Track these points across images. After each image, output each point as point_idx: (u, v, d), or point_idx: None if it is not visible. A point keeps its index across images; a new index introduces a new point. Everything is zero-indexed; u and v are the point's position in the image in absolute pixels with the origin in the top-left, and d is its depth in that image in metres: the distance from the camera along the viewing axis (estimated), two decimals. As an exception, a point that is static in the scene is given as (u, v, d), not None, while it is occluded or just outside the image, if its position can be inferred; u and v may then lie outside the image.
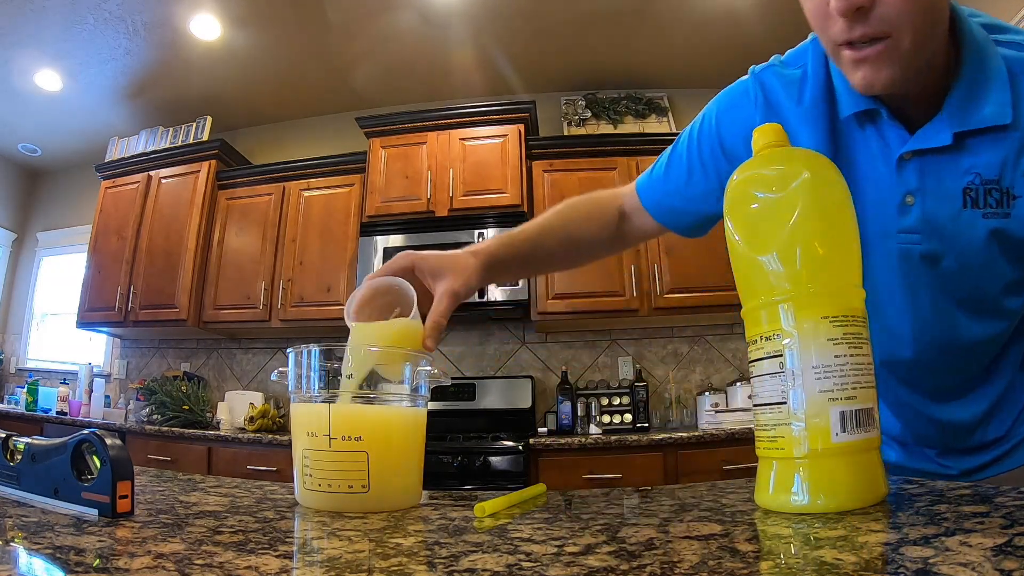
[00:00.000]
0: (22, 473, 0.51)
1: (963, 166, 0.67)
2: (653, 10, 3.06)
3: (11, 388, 3.94)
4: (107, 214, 3.70)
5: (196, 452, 2.83)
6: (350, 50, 3.33)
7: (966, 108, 0.65)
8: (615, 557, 0.36)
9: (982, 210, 0.67)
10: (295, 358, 0.58)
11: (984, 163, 0.67)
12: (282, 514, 0.51)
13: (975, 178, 0.67)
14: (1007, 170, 0.66)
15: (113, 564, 0.33)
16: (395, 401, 0.60)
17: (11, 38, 3.12)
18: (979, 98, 0.66)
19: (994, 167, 0.66)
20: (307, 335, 3.46)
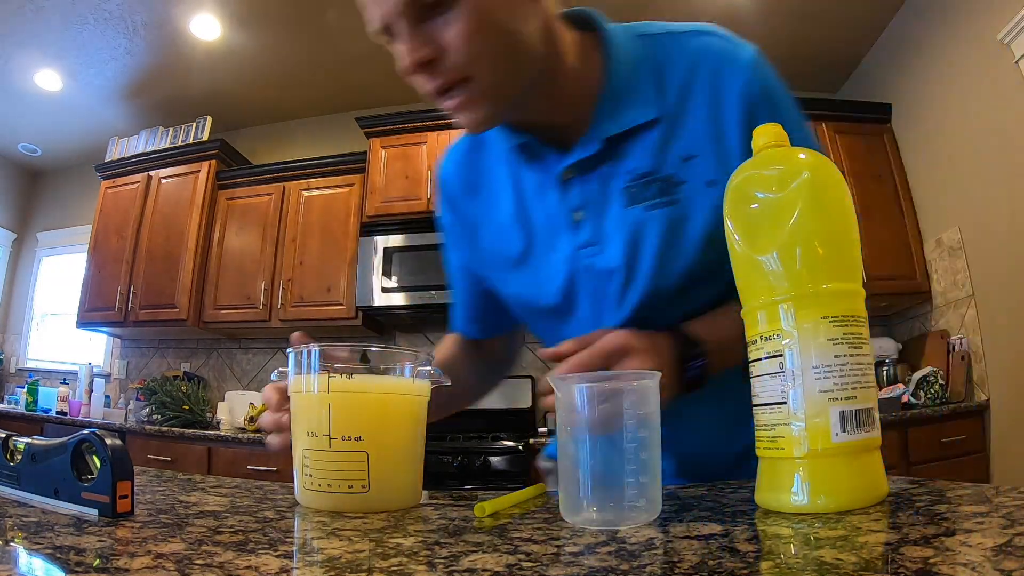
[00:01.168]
0: (22, 473, 0.51)
1: (621, 169, 0.69)
2: (653, 10, 3.05)
3: (11, 388, 3.94)
4: (107, 214, 3.70)
5: (196, 452, 2.83)
6: (350, 50, 3.33)
7: (613, 116, 0.67)
8: (615, 557, 0.36)
9: (644, 203, 0.68)
10: (295, 358, 0.58)
11: (638, 160, 0.68)
12: (282, 514, 0.51)
13: (632, 176, 0.69)
14: (661, 159, 0.68)
15: (113, 564, 0.33)
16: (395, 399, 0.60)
17: (11, 38, 3.12)
18: (626, 103, 0.67)
19: (647, 160, 0.68)
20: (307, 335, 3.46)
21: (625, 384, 0.46)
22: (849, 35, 3.10)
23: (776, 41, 3.16)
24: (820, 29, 3.04)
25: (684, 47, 0.69)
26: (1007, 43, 2.33)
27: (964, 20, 2.58)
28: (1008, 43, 2.33)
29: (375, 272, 3.03)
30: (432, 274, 2.98)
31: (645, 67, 0.68)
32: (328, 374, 0.56)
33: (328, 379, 0.55)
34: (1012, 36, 2.30)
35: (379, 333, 3.43)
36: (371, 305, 3.02)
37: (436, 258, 3.00)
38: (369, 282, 3.03)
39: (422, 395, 0.60)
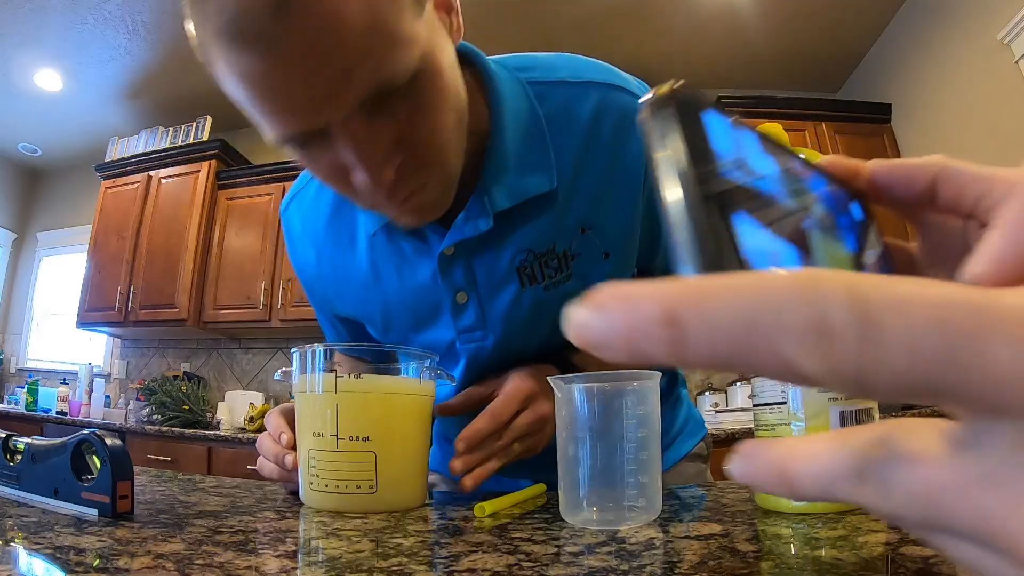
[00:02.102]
0: (22, 473, 0.51)
1: (513, 247, 0.60)
2: (653, 10, 3.06)
3: (11, 388, 3.94)
4: (107, 214, 3.70)
5: (196, 452, 2.82)
6: (350, 50, 3.33)
7: (503, 182, 0.57)
8: (615, 557, 0.36)
9: (540, 284, 0.61)
10: (299, 358, 0.58)
11: (535, 235, 0.60)
12: (282, 514, 0.51)
13: (527, 255, 0.60)
14: (557, 234, 0.60)
15: (113, 564, 0.33)
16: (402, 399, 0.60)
17: (11, 38, 3.12)
18: (517, 167, 0.58)
19: (546, 237, 0.60)
20: (307, 335, 3.46)
21: (624, 384, 0.46)
22: (849, 35, 3.10)
23: (776, 41, 3.16)
24: (820, 29, 3.04)
25: (580, 101, 0.60)
26: (1007, 43, 2.33)
27: (964, 20, 2.58)
28: (1008, 43, 2.33)
29: (375, 272, 3.04)
30: (432, 274, 2.98)
31: (536, 122, 0.59)
32: (335, 374, 0.56)
33: (335, 379, 0.55)
34: (1012, 36, 2.30)
35: (379, 333, 3.44)
36: (371, 305, 3.02)
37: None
38: (369, 282, 3.03)
39: (429, 395, 0.60)
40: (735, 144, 0.14)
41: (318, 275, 0.72)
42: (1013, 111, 2.34)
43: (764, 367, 0.11)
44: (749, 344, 0.11)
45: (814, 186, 0.17)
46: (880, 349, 0.10)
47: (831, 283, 0.11)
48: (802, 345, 0.11)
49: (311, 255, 0.71)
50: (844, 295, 0.11)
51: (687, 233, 0.12)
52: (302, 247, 0.72)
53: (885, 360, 0.10)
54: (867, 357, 0.10)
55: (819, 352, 0.11)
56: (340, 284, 0.70)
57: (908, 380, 0.11)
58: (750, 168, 0.14)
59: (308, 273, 0.73)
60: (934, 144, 2.84)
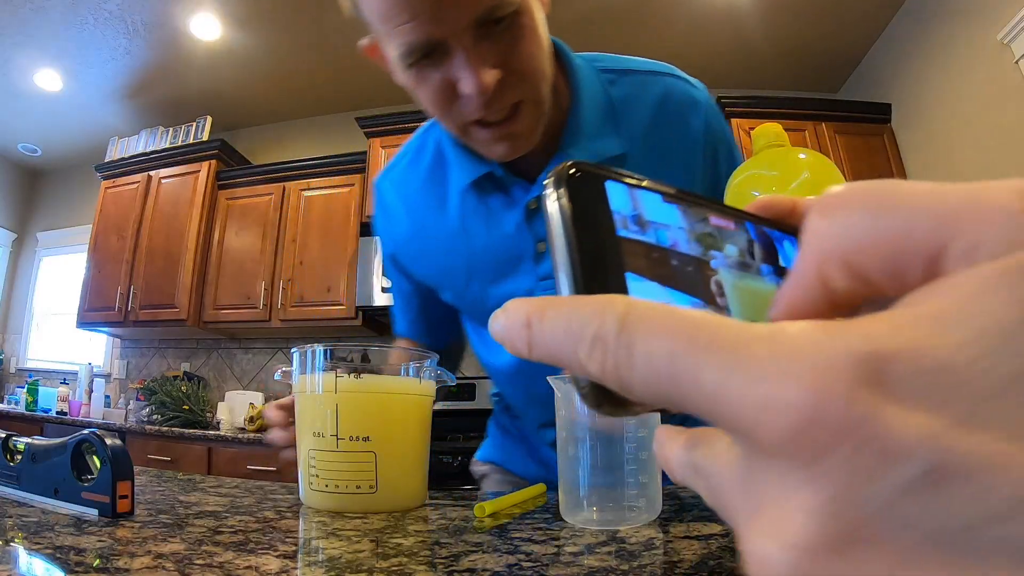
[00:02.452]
0: (22, 473, 0.51)
1: None
2: (652, 10, 3.06)
3: (11, 388, 3.94)
4: (107, 214, 3.70)
5: (196, 452, 2.82)
6: (350, 50, 3.32)
7: (580, 146, 0.66)
8: (615, 557, 0.36)
9: None
10: (299, 358, 0.58)
11: None
12: (282, 514, 0.51)
13: None
14: None
15: (113, 564, 0.33)
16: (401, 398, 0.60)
17: (11, 38, 3.12)
18: (590, 136, 0.66)
19: None
20: (307, 335, 3.46)
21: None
22: (849, 35, 3.10)
23: (776, 41, 3.16)
24: (820, 29, 3.04)
25: (647, 87, 0.70)
26: (1007, 43, 2.33)
27: (964, 20, 2.58)
28: (1008, 43, 2.33)
29: (375, 272, 3.03)
30: (432, 274, 2.98)
31: (608, 102, 0.68)
32: (335, 374, 0.56)
33: (335, 379, 0.55)
34: (1012, 36, 2.30)
35: (379, 333, 3.43)
36: (371, 305, 3.01)
37: (436, 258, 3.01)
38: (369, 282, 3.03)
39: (429, 395, 0.60)
40: (631, 204, 0.17)
41: (408, 238, 0.80)
42: (1013, 111, 2.34)
43: (572, 365, 0.14)
44: (566, 345, 0.14)
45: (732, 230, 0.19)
46: (630, 356, 0.13)
47: (615, 303, 0.14)
48: (588, 350, 0.14)
49: (403, 220, 0.79)
50: (618, 312, 0.13)
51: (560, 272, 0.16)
52: (395, 214, 0.80)
53: (633, 366, 0.13)
54: (622, 362, 0.13)
55: (596, 355, 0.13)
56: (428, 242, 0.78)
57: (649, 385, 0.13)
58: (645, 223, 0.17)
59: (398, 239, 0.81)
60: (934, 144, 2.84)
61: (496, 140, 0.61)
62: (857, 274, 0.14)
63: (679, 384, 0.12)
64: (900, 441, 0.10)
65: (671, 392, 0.13)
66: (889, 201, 0.13)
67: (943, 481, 0.10)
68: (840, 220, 0.14)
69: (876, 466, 0.11)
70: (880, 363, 0.11)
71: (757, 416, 0.11)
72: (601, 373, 0.13)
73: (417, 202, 0.78)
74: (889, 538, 0.11)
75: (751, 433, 0.12)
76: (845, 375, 0.11)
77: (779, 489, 0.12)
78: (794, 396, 0.11)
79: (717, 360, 0.12)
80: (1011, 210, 0.12)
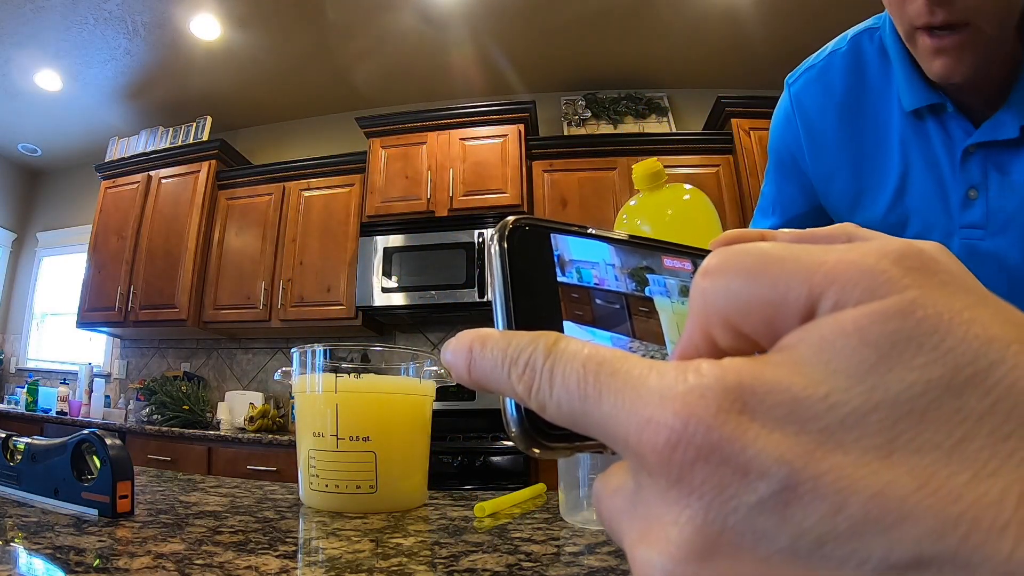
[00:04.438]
0: (22, 473, 0.51)
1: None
2: (653, 10, 3.06)
3: (11, 388, 3.94)
4: (107, 214, 3.70)
5: (196, 452, 2.82)
6: (350, 50, 3.33)
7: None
8: (615, 557, 0.36)
9: None
10: (299, 358, 0.58)
11: None
12: (282, 514, 0.51)
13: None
14: None
15: (113, 564, 0.33)
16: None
17: (11, 38, 3.12)
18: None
19: None
20: (307, 335, 3.46)
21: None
22: (849, 35, 3.09)
23: (776, 41, 3.16)
24: (820, 29, 3.04)
25: None
26: (1007, 43, 2.33)
27: (964, 20, 2.58)
28: (1008, 43, 2.32)
29: (375, 272, 3.03)
30: (432, 274, 2.98)
31: None
32: (335, 374, 0.56)
33: (335, 379, 0.55)
34: (1012, 36, 2.30)
35: (379, 333, 3.43)
36: (371, 305, 3.02)
37: (436, 258, 3.01)
38: (369, 282, 3.03)
39: (429, 395, 0.60)
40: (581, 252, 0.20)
41: (831, 137, 0.78)
42: (1013, 111, 2.34)
43: (504, 386, 0.16)
44: (500, 369, 0.16)
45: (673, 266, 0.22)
46: (551, 379, 0.15)
47: (547, 336, 0.16)
48: (520, 372, 0.16)
49: (829, 118, 0.78)
50: (548, 343, 0.16)
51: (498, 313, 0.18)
52: (812, 111, 0.79)
53: (552, 387, 0.15)
54: (544, 385, 0.15)
55: (524, 378, 0.15)
56: (845, 148, 0.76)
57: (561, 406, 0.15)
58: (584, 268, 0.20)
59: (816, 135, 0.80)
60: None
61: (935, 53, 0.60)
62: (738, 333, 0.15)
63: (585, 405, 0.14)
64: (757, 460, 0.12)
65: (578, 412, 0.14)
66: (764, 267, 0.14)
67: (795, 499, 0.11)
68: (722, 284, 0.15)
69: (735, 482, 0.12)
70: (743, 393, 0.13)
71: (639, 435, 0.13)
72: (526, 394, 0.15)
73: (850, 104, 0.76)
74: (748, 549, 0.12)
75: (636, 450, 0.13)
76: (712, 401, 0.12)
77: (659, 505, 0.13)
78: (669, 417, 0.13)
79: (615, 385, 0.14)
80: (872, 269, 0.13)
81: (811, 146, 0.81)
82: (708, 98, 3.24)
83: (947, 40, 0.59)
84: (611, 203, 3.06)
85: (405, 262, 3.03)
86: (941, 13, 0.57)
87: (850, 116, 0.76)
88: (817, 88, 0.80)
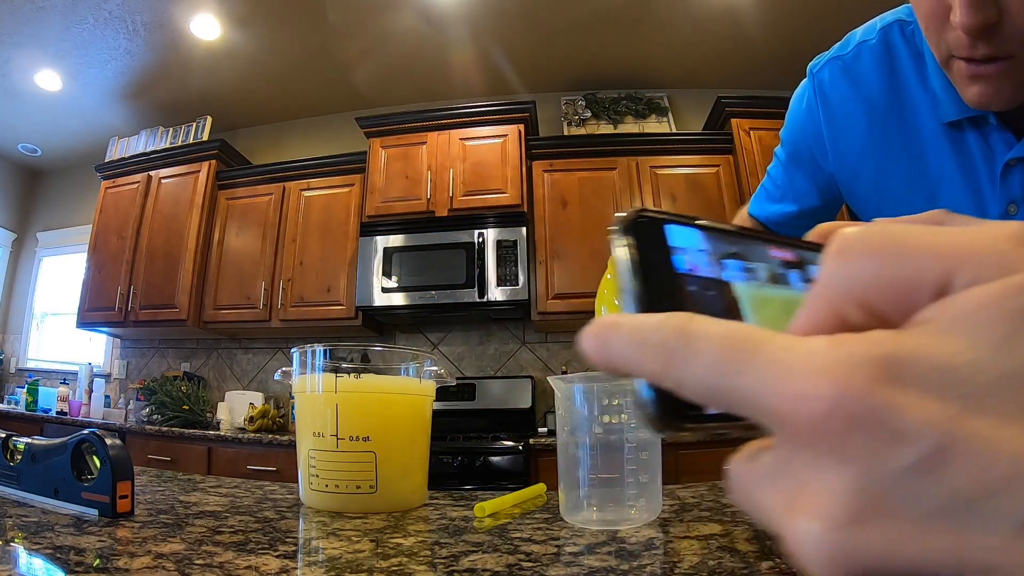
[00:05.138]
0: (22, 473, 0.51)
1: None
2: (653, 10, 3.06)
3: (11, 388, 3.94)
4: (107, 214, 3.70)
5: (196, 452, 2.82)
6: (350, 50, 3.33)
7: None
8: (615, 557, 0.36)
9: None
10: (299, 358, 0.58)
11: None
12: (282, 514, 0.51)
13: None
14: None
15: (113, 564, 0.33)
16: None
17: (11, 38, 3.12)
18: None
19: None
20: (307, 335, 3.46)
21: (625, 384, 0.46)
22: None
23: (776, 41, 3.16)
24: (820, 29, 3.04)
25: None
26: (1007, 43, 2.33)
27: (964, 20, 2.58)
28: (1008, 43, 2.32)
29: (375, 272, 3.03)
30: (432, 274, 2.98)
31: None
32: (335, 374, 0.56)
33: (335, 379, 0.55)
34: (1012, 36, 2.30)
35: (379, 333, 3.43)
36: (371, 305, 3.02)
37: (436, 258, 3.01)
38: (369, 282, 3.03)
39: (429, 395, 0.60)
40: (694, 242, 0.21)
41: (857, 132, 0.75)
42: (1013, 111, 2.34)
43: (635, 365, 0.16)
44: (632, 349, 0.16)
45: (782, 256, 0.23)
46: (690, 356, 0.15)
47: (677, 315, 0.16)
48: (655, 355, 0.16)
49: (854, 111, 0.75)
50: (680, 320, 0.16)
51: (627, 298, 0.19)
52: (835, 101, 0.77)
53: (692, 364, 0.15)
54: (682, 362, 0.15)
55: (659, 356, 0.16)
56: (872, 148, 0.74)
57: (703, 382, 0.15)
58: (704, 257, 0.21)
59: (839, 128, 0.77)
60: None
61: (971, 80, 0.57)
62: (872, 311, 0.15)
63: (728, 380, 0.15)
64: (910, 425, 0.13)
65: (722, 388, 0.15)
66: (897, 247, 0.15)
67: (947, 460, 0.12)
68: (856, 265, 0.16)
69: (889, 448, 0.13)
70: (892, 363, 0.13)
71: (793, 407, 0.14)
72: (661, 371, 0.16)
73: (880, 103, 0.73)
74: (902, 512, 0.13)
75: (788, 422, 0.14)
76: (863, 372, 0.13)
77: (812, 473, 0.14)
78: (824, 389, 0.13)
79: (762, 360, 0.14)
80: (1000, 249, 0.14)
81: (834, 142, 0.79)
82: (708, 98, 3.24)
83: (985, 68, 0.56)
84: (611, 203, 3.06)
85: (405, 262, 3.03)
86: (983, 48, 0.54)
87: (880, 116, 0.74)
88: (844, 82, 0.77)
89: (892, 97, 0.72)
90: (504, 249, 2.95)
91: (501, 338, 3.36)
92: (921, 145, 0.70)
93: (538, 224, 3.06)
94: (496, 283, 2.91)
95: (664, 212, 0.21)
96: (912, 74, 0.71)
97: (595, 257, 2.99)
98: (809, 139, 0.82)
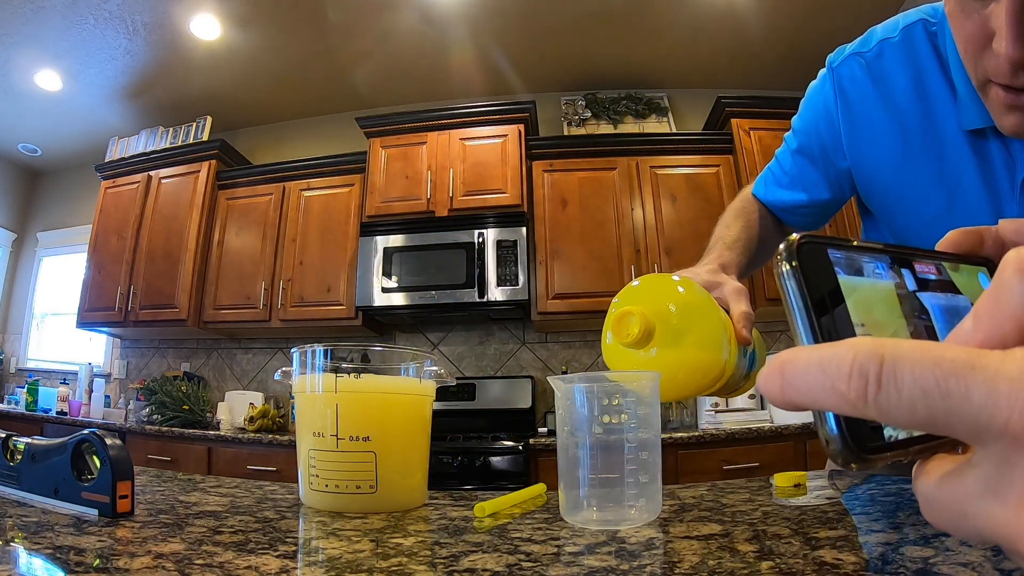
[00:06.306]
0: (22, 473, 0.51)
1: None
2: (653, 10, 3.06)
3: (11, 388, 3.94)
4: (107, 214, 3.70)
5: (196, 452, 2.83)
6: (350, 50, 3.33)
7: None
8: (615, 557, 0.36)
9: None
10: (299, 358, 0.58)
11: None
12: (282, 514, 0.51)
13: None
14: None
15: (113, 564, 0.33)
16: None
17: (11, 38, 3.12)
18: None
19: None
20: (307, 335, 3.46)
21: (625, 384, 0.46)
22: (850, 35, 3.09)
23: (776, 41, 3.16)
24: (820, 29, 3.04)
25: None
26: (1007, 43, 2.33)
27: (964, 20, 2.57)
28: (1008, 43, 2.32)
29: (375, 272, 3.03)
30: (432, 274, 2.98)
31: None
32: (335, 374, 0.56)
33: (335, 379, 0.55)
34: (1012, 36, 2.30)
35: (379, 333, 3.43)
36: (371, 305, 3.02)
37: (436, 258, 3.01)
38: (369, 282, 3.03)
39: (429, 395, 0.60)
40: (853, 265, 0.21)
41: (880, 130, 0.74)
42: (1013, 111, 2.34)
43: (827, 399, 0.16)
44: (820, 381, 0.16)
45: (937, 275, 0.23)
46: (896, 383, 0.15)
47: (864, 342, 0.16)
48: (848, 381, 0.16)
49: (874, 109, 0.74)
50: (872, 348, 0.16)
51: (799, 327, 0.19)
52: (856, 98, 0.76)
53: (900, 391, 0.15)
54: (886, 390, 0.15)
55: (857, 385, 0.16)
56: (890, 149, 0.73)
57: (915, 408, 0.15)
58: (863, 280, 0.21)
59: (859, 125, 0.76)
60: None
61: (1008, 109, 0.56)
62: None
63: (948, 402, 0.15)
64: None
65: (940, 409, 0.15)
66: None
67: None
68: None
69: None
70: None
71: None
72: (862, 403, 0.16)
73: (901, 105, 0.72)
74: None
75: (1018, 434, 0.14)
76: None
77: None
78: None
79: (980, 378, 0.15)
80: None
81: (852, 139, 0.78)
82: (708, 98, 3.24)
83: (1021, 98, 0.55)
84: (611, 203, 3.06)
85: (405, 262, 3.03)
86: (1020, 81, 0.53)
87: (900, 116, 0.72)
88: (866, 80, 0.75)
89: (914, 98, 0.71)
90: (504, 249, 2.95)
91: (501, 338, 3.36)
92: (941, 148, 0.70)
93: (538, 224, 3.06)
94: (496, 283, 2.91)
95: (824, 236, 0.21)
96: (935, 76, 0.70)
97: (595, 257, 2.99)
98: (824, 133, 0.81)
